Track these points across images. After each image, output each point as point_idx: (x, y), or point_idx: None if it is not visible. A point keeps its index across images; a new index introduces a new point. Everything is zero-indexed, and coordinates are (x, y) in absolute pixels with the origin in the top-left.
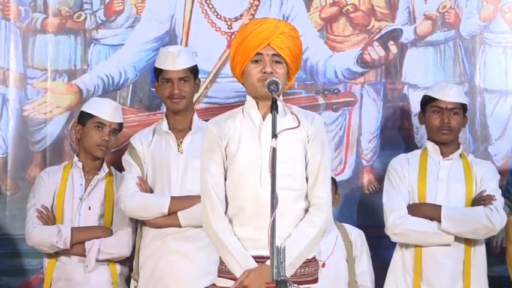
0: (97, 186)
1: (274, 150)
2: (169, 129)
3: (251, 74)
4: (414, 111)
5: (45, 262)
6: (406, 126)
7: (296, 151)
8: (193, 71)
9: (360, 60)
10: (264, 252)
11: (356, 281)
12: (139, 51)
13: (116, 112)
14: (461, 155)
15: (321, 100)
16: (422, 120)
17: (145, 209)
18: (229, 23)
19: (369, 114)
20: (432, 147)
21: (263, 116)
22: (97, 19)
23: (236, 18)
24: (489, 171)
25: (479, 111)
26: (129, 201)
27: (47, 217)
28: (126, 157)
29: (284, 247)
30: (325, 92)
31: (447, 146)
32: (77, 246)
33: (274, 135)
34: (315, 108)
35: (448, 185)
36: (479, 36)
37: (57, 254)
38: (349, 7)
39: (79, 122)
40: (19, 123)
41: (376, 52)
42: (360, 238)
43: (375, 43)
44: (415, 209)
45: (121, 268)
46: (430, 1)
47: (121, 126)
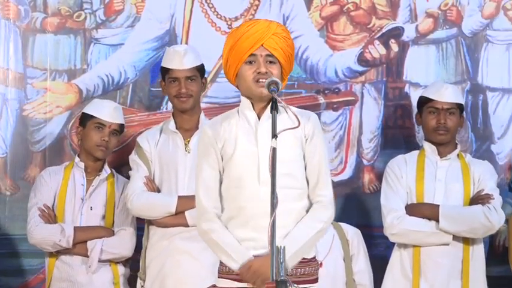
0: (99, 187)
1: (274, 150)
2: (176, 128)
3: (246, 76)
4: (415, 110)
5: (46, 261)
6: (407, 125)
7: (294, 150)
8: (200, 70)
9: (361, 59)
10: (265, 252)
11: (354, 280)
12: (139, 50)
13: (116, 113)
14: (458, 155)
15: (322, 99)
16: (419, 121)
17: (152, 209)
18: (229, 23)
19: (370, 113)
20: (429, 147)
21: (258, 116)
22: (97, 19)
23: (236, 18)
24: (487, 170)
25: (481, 109)
26: (137, 200)
27: (49, 216)
28: (133, 156)
29: (284, 247)
30: (325, 91)
31: (444, 146)
32: (79, 245)
33: (274, 135)
34: (316, 107)
35: (446, 185)
36: (481, 33)
37: (58, 253)
38: (349, 5)
39: (80, 124)
40: (19, 123)
41: (377, 50)
42: (357, 236)
43: (376, 41)
44: (413, 209)
45: (123, 269)
46: None
47: (122, 127)
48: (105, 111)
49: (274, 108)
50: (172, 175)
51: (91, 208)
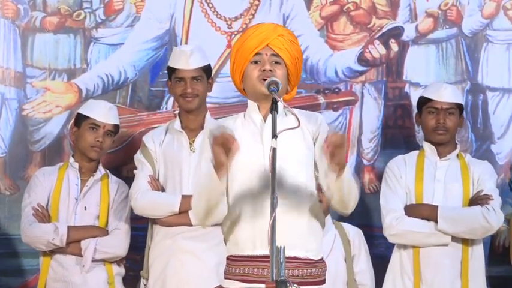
0: (93, 187)
1: (274, 150)
2: (181, 128)
3: (251, 75)
4: (415, 109)
5: (40, 261)
6: (408, 125)
7: (301, 151)
8: (206, 70)
9: (361, 58)
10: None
11: (355, 280)
12: (139, 50)
13: (111, 113)
14: (458, 155)
15: (322, 99)
16: (418, 121)
17: (156, 207)
18: (229, 23)
19: (370, 113)
20: (429, 148)
21: (264, 118)
22: (96, 18)
23: (236, 17)
24: (486, 171)
25: (481, 109)
26: (141, 199)
27: (43, 215)
28: (138, 156)
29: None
30: (325, 91)
31: (444, 147)
32: (73, 245)
33: (274, 135)
34: (316, 107)
35: (445, 186)
36: (481, 33)
37: (52, 253)
38: (349, 5)
39: (75, 124)
40: (18, 122)
41: (377, 50)
42: (358, 236)
43: (376, 41)
44: (412, 210)
45: (117, 268)
46: None
47: (117, 128)
48: (99, 111)
49: (274, 108)
50: (176, 174)
51: (85, 208)
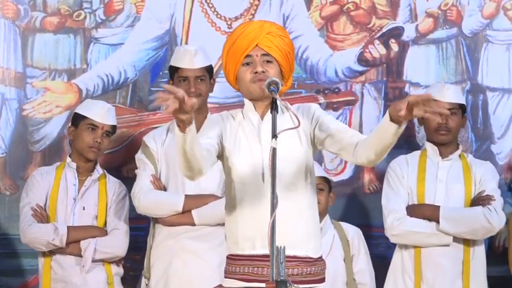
0: (91, 187)
1: (274, 150)
2: None
3: (243, 77)
4: None
5: (40, 262)
6: (407, 125)
7: (297, 149)
8: (209, 71)
9: (361, 58)
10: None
11: (354, 280)
12: (139, 50)
13: (109, 114)
14: (460, 156)
15: (322, 99)
16: (421, 121)
17: (159, 207)
18: (229, 23)
19: (370, 113)
20: (431, 148)
21: (261, 116)
22: (97, 18)
23: (236, 17)
24: (488, 171)
25: (481, 109)
26: (144, 198)
27: (41, 215)
28: (139, 155)
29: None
30: (325, 91)
31: (446, 147)
32: (72, 245)
33: (274, 135)
34: None
35: (447, 186)
36: (481, 33)
37: (51, 253)
38: (349, 5)
39: (72, 124)
40: (18, 122)
41: (377, 50)
42: (357, 236)
43: (376, 41)
44: (414, 210)
45: (116, 268)
46: None
47: (114, 128)
48: (98, 112)
49: (274, 108)
50: (178, 174)
51: (83, 208)
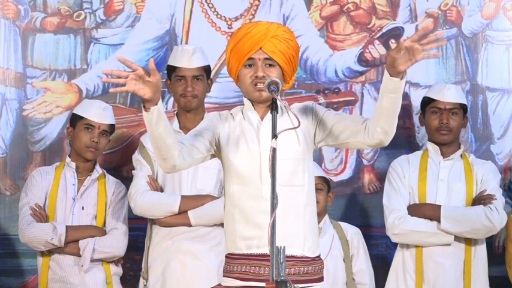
0: (90, 187)
1: (274, 150)
2: (180, 128)
3: (244, 79)
4: (415, 110)
5: (39, 261)
6: (408, 125)
7: (296, 149)
8: (206, 70)
9: (361, 58)
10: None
11: (354, 279)
12: (139, 50)
13: (106, 113)
14: (462, 155)
15: (322, 99)
16: (422, 121)
17: (155, 208)
18: (229, 23)
19: (370, 113)
20: (432, 148)
21: (261, 117)
22: (97, 18)
23: (236, 18)
24: (490, 170)
25: (481, 109)
26: (140, 199)
27: (40, 215)
28: (136, 156)
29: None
30: (325, 92)
31: (447, 147)
32: (71, 245)
33: (274, 135)
34: None
35: (449, 185)
36: (481, 34)
37: (50, 253)
38: (349, 5)
39: (70, 124)
40: (19, 122)
41: (377, 50)
42: (357, 236)
43: (376, 41)
44: (416, 210)
45: (115, 268)
46: None
47: (112, 127)
48: (94, 112)
49: (274, 108)
50: (175, 175)
51: (82, 208)
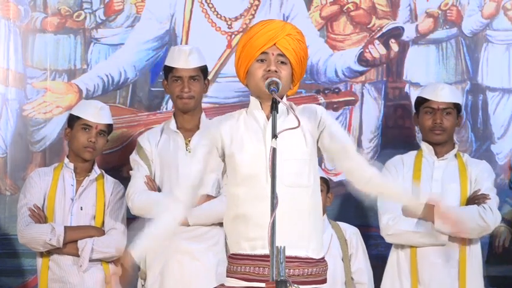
0: (88, 187)
1: (274, 150)
2: (177, 128)
3: (255, 73)
4: None
5: (38, 262)
6: (408, 125)
7: (301, 150)
8: (203, 71)
9: (361, 58)
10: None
11: (352, 279)
12: (139, 50)
13: (103, 113)
14: (456, 155)
15: (322, 99)
16: (416, 121)
17: (152, 208)
18: (229, 23)
19: (370, 113)
20: (426, 148)
21: (267, 116)
22: (97, 18)
23: (236, 17)
24: (484, 170)
25: (481, 109)
26: (137, 199)
27: (39, 216)
28: (133, 156)
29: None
30: (325, 91)
31: (441, 146)
32: (70, 245)
33: (274, 135)
34: None
35: (443, 185)
36: (481, 33)
37: (49, 254)
38: (349, 5)
39: (68, 125)
40: (19, 123)
41: (377, 50)
42: (355, 235)
43: (376, 41)
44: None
45: (114, 268)
46: None
47: (110, 127)
48: (91, 112)
49: (274, 108)
50: (173, 175)
51: (81, 208)
